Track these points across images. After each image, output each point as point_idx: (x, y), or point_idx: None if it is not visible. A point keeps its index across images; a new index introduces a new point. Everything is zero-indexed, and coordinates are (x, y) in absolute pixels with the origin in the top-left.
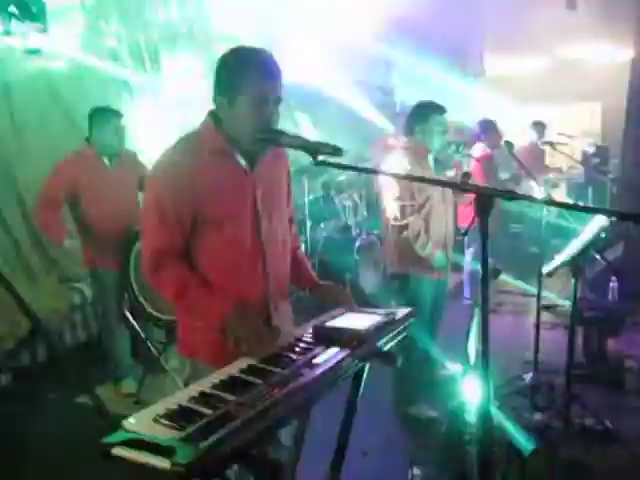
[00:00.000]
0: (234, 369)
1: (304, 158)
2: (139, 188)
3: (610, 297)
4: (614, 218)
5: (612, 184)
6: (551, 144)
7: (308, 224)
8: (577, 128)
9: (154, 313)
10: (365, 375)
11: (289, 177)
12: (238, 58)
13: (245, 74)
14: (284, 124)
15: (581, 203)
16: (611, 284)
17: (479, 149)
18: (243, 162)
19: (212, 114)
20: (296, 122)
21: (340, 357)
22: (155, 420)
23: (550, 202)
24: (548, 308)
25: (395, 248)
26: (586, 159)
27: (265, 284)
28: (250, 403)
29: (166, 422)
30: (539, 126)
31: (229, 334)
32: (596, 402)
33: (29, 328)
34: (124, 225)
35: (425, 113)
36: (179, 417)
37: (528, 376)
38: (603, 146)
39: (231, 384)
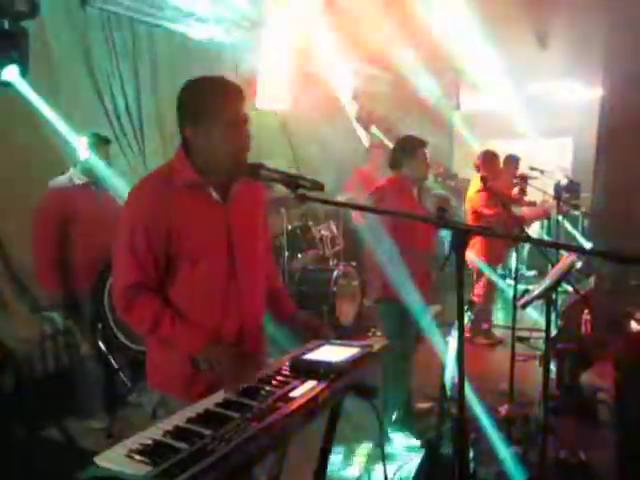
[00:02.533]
0: (209, 402)
1: (282, 188)
2: None
3: (583, 329)
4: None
5: (583, 218)
6: (523, 178)
7: (286, 254)
8: (549, 163)
9: (128, 344)
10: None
11: (265, 206)
12: (203, 86)
13: (215, 100)
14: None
15: (551, 239)
16: (583, 316)
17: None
18: (215, 194)
19: (183, 146)
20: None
21: (317, 390)
22: (128, 455)
23: (524, 239)
24: (522, 340)
25: (380, 274)
26: (558, 192)
27: (240, 316)
28: (226, 437)
29: (139, 457)
30: (513, 160)
31: (204, 364)
32: (570, 434)
33: None
34: (104, 252)
35: (412, 147)
36: (153, 452)
37: (503, 408)
38: (574, 180)
39: (207, 418)
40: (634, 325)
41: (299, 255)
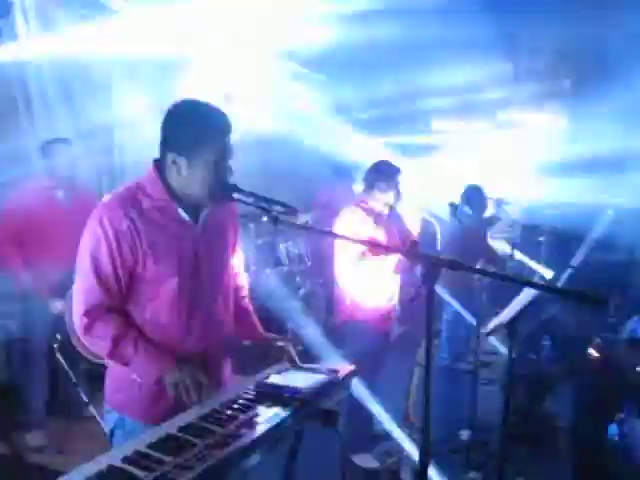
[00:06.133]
0: (172, 427)
1: None
2: None
3: (543, 355)
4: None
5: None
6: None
7: (253, 269)
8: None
9: (88, 357)
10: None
11: (237, 224)
12: (193, 115)
13: (207, 136)
14: None
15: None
16: (544, 342)
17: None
18: (186, 216)
19: (157, 166)
20: None
21: (281, 417)
22: None
23: (485, 273)
24: (484, 365)
25: (347, 295)
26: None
27: (204, 337)
28: (188, 465)
29: None
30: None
31: (168, 384)
32: (528, 461)
33: None
34: (65, 261)
35: (389, 172)
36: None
37: (464, 433)
38: None
39: (168, 443)
40: (592, 351)
41: (267, 270)
